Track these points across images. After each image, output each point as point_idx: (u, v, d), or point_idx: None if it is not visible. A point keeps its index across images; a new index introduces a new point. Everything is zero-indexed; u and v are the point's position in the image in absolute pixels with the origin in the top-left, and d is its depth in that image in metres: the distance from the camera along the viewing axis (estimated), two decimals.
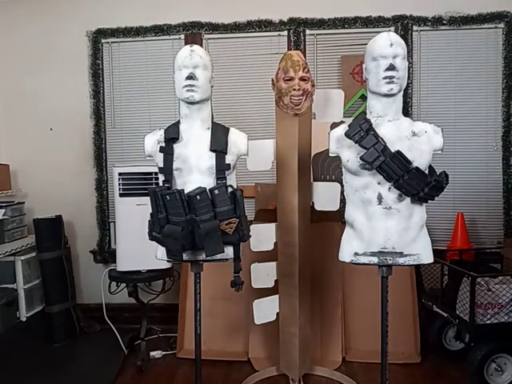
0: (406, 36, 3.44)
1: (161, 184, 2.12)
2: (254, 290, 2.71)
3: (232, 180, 2.11)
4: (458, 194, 3.48)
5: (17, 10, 3.77)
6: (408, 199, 1.94)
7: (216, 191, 2.00)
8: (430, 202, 1.97)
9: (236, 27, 3.56)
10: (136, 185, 3.00)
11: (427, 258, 2.01)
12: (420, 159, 1.91)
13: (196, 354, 2.24)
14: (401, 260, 1.97)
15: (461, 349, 2.92)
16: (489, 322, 2.54)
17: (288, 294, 2.60)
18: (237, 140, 2.13)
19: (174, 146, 2.08)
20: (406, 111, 3.41)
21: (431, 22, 3.46)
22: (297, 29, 3.54)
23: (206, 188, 2.01)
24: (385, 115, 1.95)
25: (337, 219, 2.97)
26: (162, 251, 2.13)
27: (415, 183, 1.87)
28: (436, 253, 2.11)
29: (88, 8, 3.70)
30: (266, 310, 2.65)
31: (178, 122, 2.14)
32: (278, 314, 2.67)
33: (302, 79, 2.35)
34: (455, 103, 3.49)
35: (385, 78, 1.88)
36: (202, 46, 3.47)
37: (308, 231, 2.62)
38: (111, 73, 3.73)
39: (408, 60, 1.98)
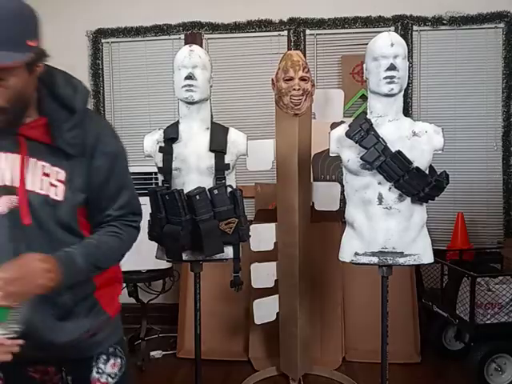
0: (406, 36, 3.43)
1: (160, 184, 2.12)
2: (254, 290, 2.71)
3: (231, 180, 2.11)
4: (458, 194, 3.47)
5: None
6: (408, 199, 1.94)
7: (215, 191, 2.00)
8: (430, 201, 1.97)
9: (236, 27, 3.55)
10: (136, 185, 2.96)
11: (427, 258, 2.01)
12: (420, 159, 1.91)
13: (196, 354, 2.24)
14: (401, 260, 1.97)
15: (461, 349, 2.91)
16: (489, 321, 2.54)
17: (288, 294, 2.59)
18: (236, 140, 2.13)
19: (174, 145, 2.08)
20: (406, 111, 3.40)
21: (431, 22, 3.45)
22: (297, 29, 3.53)
23: (205, 188, 2.01)
24: (385, 115, 1.94)
25: (337, 219, 2.96)
26: (161, 251, 2.14)
27: (415, 183, 1.87)
28: (436, 253, 2.11)
29: (88, 8, 3.69)
30: (266, 310, 2.65)
31: (178, 121, 2.14)
32: (277, 313, 2.67)
33: (301, 79, 2.34)
34: (455, 103, 3.48)
35: (385, 77, 1.88)
36: (201, 45, 3.46)
37: (308, 231, 2.62)
38: (111, 73, 3.73)
39: (408, 60, 1.97)
